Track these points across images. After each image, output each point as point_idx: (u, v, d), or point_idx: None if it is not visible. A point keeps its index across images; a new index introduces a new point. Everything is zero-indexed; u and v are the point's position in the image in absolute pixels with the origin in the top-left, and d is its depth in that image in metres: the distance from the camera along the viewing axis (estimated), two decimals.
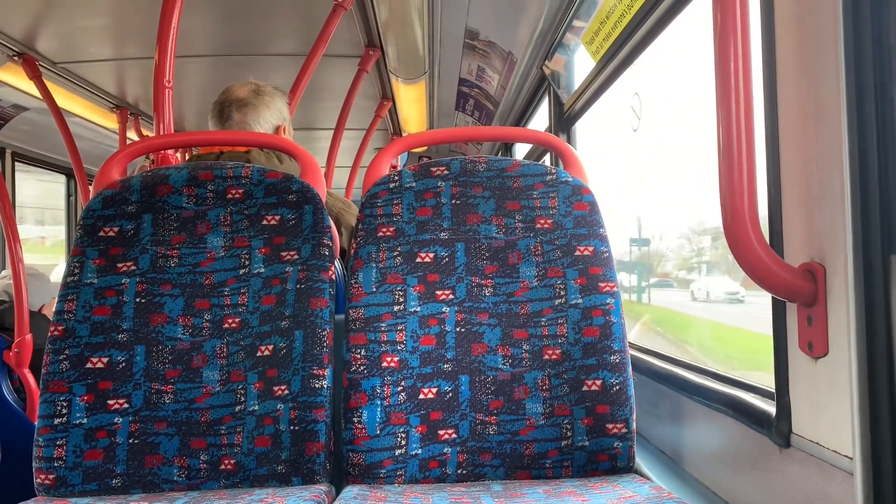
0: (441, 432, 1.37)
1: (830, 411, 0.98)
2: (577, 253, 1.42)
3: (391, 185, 1.48)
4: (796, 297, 1.02)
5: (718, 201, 1.03)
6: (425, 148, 6.59)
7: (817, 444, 1.01)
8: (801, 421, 1.06)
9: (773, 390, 1.14)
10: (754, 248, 1.00)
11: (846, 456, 0.93)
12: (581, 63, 2.99)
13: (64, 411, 1.33)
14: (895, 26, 0.87)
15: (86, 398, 1.35)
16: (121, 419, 1.35)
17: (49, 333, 1.38)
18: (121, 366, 1.37)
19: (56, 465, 1.31)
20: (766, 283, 1.02)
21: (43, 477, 1.31)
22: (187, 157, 4.52)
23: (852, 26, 0.91)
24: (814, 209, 1.01)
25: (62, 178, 5.29)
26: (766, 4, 1.12)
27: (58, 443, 1.32)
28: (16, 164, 4.52)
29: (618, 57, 2.26)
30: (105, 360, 1.37)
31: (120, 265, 1.43)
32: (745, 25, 1.01)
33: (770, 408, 1.14)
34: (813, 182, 1.01)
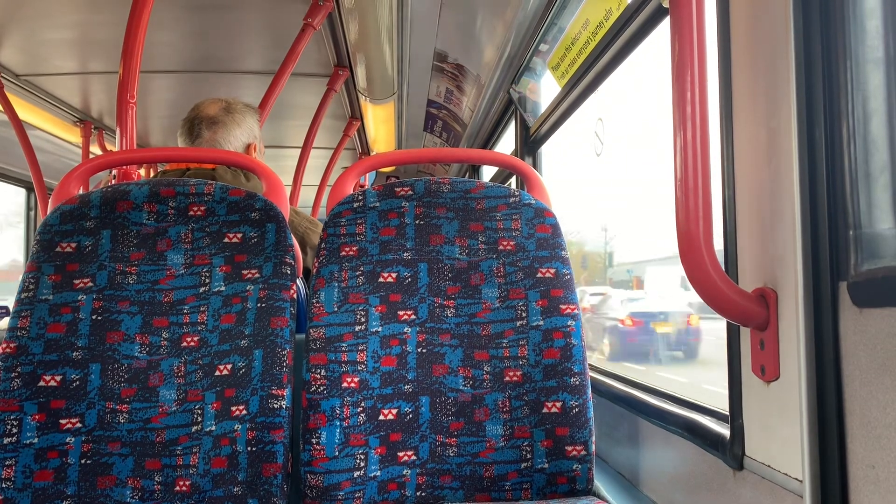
0: (400, 454, 1.36)
1: (782, 434, 1.00)
2: (539, 275, 1.43)
3: (355, 205, 1.48)
4: (749, 321, 1.04)
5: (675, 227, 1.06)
6: (393, 168, 6.61)
7: (769, 466, 1.03)
8: (754, 444, 1.07)
9: (728, 413, 1.16)
10: (709, 273, 1.03)
11: (796, 478, 0.95)
12: (547, 87, 3.04)
13: (14, 430, 1.30)
14: (844, 61, 0.91)
15: (37, 417, 1.31)
16: (73, 439, 1.32)
17: (0, 350, 1.35)
18: (74, 384, 1.34)
19: (4, 486, 1.27)
20: (719, 307, 1.04)
21: None
22: (153, 174, 4.47)
23: (804, 61, 0.95)
24: (767, 236, 1.04)
25: None
26: (722, 36, 1.15)
27: (6, 463, 1.28)
28: None
29: (582, 82, 2.30)
30: (58, 378, 1.34)
31: (76, 281, 1.40)
32: (702, 56, 1.04)
33: (724, 431, 1.16)
34: (766, 210, 1.03)
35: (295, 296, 1.42)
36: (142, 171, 4.50)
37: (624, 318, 10.72)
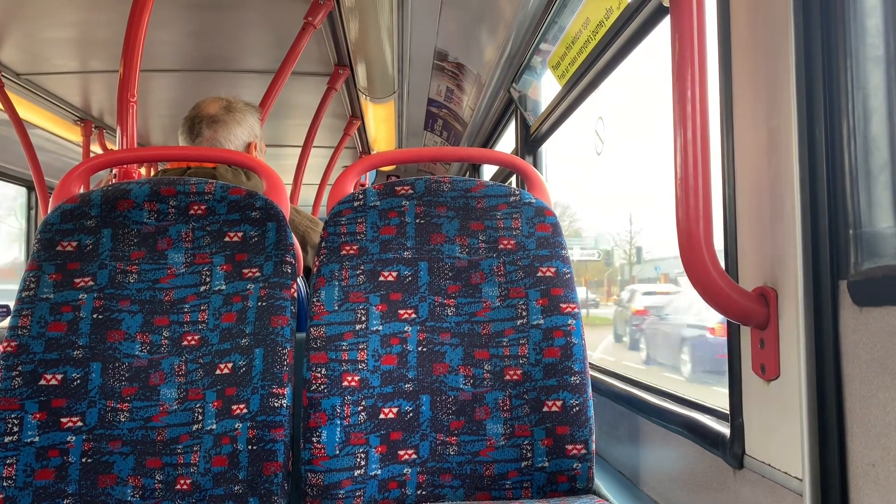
0: (401, 453, 1.36)
1: (782, 433, 1.00)
2: (539, 274, 1.43)
3: (355, 204, 1.48)
4: (749, 320, 1.04)
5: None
6: (393, 167, 6.61)
7: (769, 465, 1.03)
8: (754, 442, 1.08)
9: (728, 412, 1.16)
10: (709, 273, 1.03)
11: (796, 477, 0.95)
12: (547, 86, 3.04)
13: (15, 429, 1.30)
14: (845, 59, 0.91)
15: (38, 416, 1.31)
16: (74, 438, 1.32)
17: (1, 349, 1.35)
18: (75, 383, 1.34)
19: (5, 484, 1.28)
20: (720, 306, 1.04)
21: None
22: (153, 173, 4.47)
23: (804, 60, 0.95)
24: (767, 235, 1.04)
25: None
26: (723, 35, 1.15)
27: (7, 461, 1.28)
28: None
29: (583, 81, 2.30)
30: (59, 376, 1.34)
31: (77, 280, 1.40)
32: (702, 55, 1.04)
33: (724, 429, 1.16)
34: (766, 209, 1.03)
35: (295, 294, 1.42)
36: (142, 170, 4.50)
37: (714, 326, 7.82)
